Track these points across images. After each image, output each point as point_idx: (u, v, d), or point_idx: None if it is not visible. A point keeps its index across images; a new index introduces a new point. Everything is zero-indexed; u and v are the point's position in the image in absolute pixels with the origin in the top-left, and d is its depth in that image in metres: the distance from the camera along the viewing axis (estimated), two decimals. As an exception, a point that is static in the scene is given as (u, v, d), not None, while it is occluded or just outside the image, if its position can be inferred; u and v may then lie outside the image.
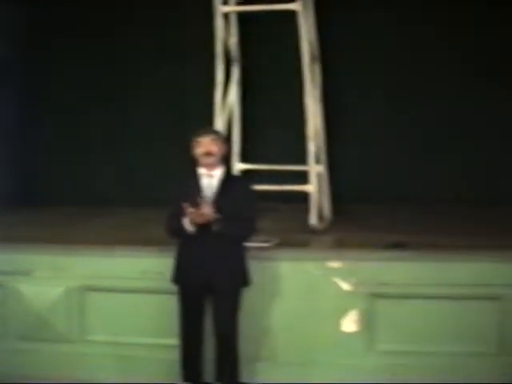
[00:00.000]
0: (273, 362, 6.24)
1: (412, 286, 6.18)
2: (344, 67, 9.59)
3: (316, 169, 7.89)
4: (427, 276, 6.18)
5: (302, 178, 7.85)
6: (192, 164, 5.69)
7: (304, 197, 7.76)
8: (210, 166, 5.58)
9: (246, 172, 8.47)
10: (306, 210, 7.68)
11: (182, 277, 5.64)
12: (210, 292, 5.59)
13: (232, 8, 8.20)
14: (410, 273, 6.22)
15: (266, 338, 6.26)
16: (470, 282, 6.11)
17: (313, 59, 8.12)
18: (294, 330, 6.23)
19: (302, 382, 6.14)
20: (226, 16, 8.24)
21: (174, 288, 5.72)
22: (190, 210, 5.29)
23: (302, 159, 7.90)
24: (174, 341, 5.81)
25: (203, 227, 5.38)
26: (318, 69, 8.41)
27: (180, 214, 5.36)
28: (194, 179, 5.59)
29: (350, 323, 6.20)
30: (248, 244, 5.79)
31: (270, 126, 9.56)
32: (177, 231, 5.52)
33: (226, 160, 5.87)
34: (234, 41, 8.56)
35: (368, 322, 6.21)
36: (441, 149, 9.82)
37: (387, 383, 6.09)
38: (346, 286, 6.24)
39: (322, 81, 8.53)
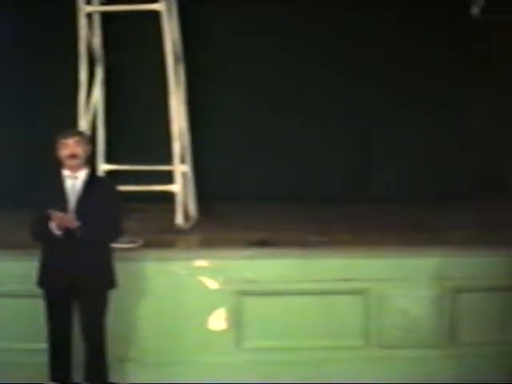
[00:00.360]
0: (142, 362, 6.21)
1: (278, 283, 6.28)
2: (209, 67, 9.64)
3: (181, 168, 7.90)
4: (293, 272, 6.30)
5: (169, 178, 7.84)
6: (57, 165, 5.59)
7: (170, 197, 7.76)
8: (75, 168, 5.50)
9: (110, 173, 8.40)
10: (172, 210, 7.68)
11: (47, 280, 5.54)
12: (77, 294, 5.52)
13: (95, 8, 8.11)
14: (276, 270, 6.33)
15: (134, 338, 6.22)
16: (334, 277, 6.27)
17: (176, 60, 8.11)
18: (162, 329, 6.22)
19: (171, 381, 6.13)
20: (90, 16, 8.15)
21: (40, 291, 5.60)
22: (55, 215, 5.20)
23: (168, 159, 7.89)
24: (41, 345, 5.71)
25: (68, 230, 5.30)
26: (182, 69, 8.41)
27: (45, 217, 5.26)
28: (59, 181, 5.50)
29: (217, 321, 6.25)
30: (114, 245, 5.74)
31: (135, 127, 9.49)
32: (43, 235, 5.40)
33: (90, 161, 5.79)
34: (97, 41, 8.47)
35: (236, 319, 6.27)
36: (300, 148, 10.05)
37: (256, 380, 6.15)
38: (212, 285, 6.27)
39: (186, 81, 8.54)
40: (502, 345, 6.30)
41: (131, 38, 9.32)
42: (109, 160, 8.71)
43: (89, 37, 8.15)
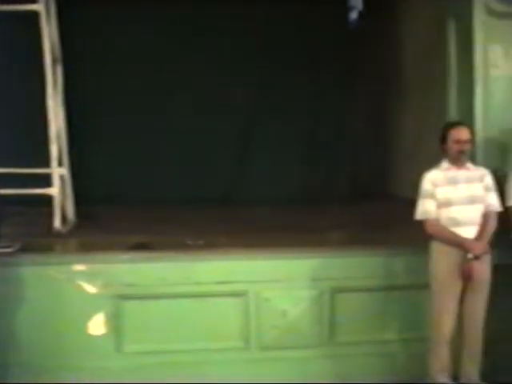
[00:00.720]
0: (22, 368, 6.04)
1: (158, 286, 6.26)
2: (87, 68, 9.56)
3: (59, 171, 7.78)
4: (172, 276, 6.28)
5: (47, 180, 7.71)
6: None
7: (48, 200, 7.63)
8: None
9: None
10: (50, 214, 7.56)
11: None
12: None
13: (-28, 7, 7.92)
14: (155, 273, 6.29)
15: (14, 344, 6.07)
16: (213, 279, 6.29)
17: (54, 61, 7.98)
18: (42, 334, 6.10)
19: (52, 387, 6.05)
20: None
21: None
22: None
23: (46, 162, 7.75)
24: None
25: None
26: (60, 70, 8.28)
27: None
28: None
29: (97, 326, 6.18)
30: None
31: (11, 128, 9.31)
32: None
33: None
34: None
35: (115, 323, 6.22)
36: (175, 151, 10.11)
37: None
38: (91, 289, 6.20)
39: (64, 82, 8.42)
40: (381, 344, 6.47)
41: (9, 39, 9.16)
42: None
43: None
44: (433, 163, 5.87)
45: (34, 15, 7.49)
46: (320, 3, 10.31)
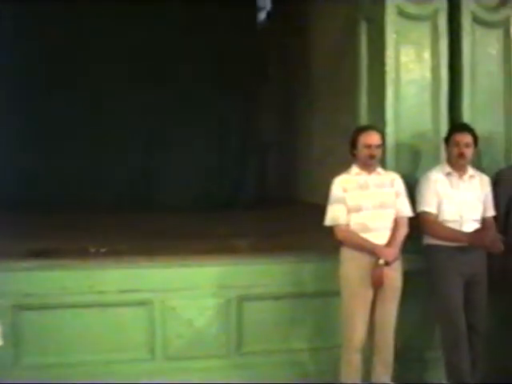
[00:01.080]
0: None
1: (58, 296, 6.01)
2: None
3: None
4: (74, 284, 6.04)
5: None
6: None
7: None
8: None
9: None
10: None
11: None
12: None
13: None
14: (55, 282, 6.04)
15: None
16: (116, 288, 6.09)
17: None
18: None
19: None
20: None
21: None
22: None
23: None
24: None
25: None
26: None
27: None
28: None
29: (-7, 338, 5.91)
30: None
31: None
32: None
33: None
34: None
35: (13, 335, 5.92)
36: (80, 153, 9.94)
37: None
38: (-15, 300, 5.92)
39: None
40: (290, 353, 6.36)
41: None
42: None
43: None
44: (343, 168, 5.80)
45: None
46: (228, 4, 10.24)
